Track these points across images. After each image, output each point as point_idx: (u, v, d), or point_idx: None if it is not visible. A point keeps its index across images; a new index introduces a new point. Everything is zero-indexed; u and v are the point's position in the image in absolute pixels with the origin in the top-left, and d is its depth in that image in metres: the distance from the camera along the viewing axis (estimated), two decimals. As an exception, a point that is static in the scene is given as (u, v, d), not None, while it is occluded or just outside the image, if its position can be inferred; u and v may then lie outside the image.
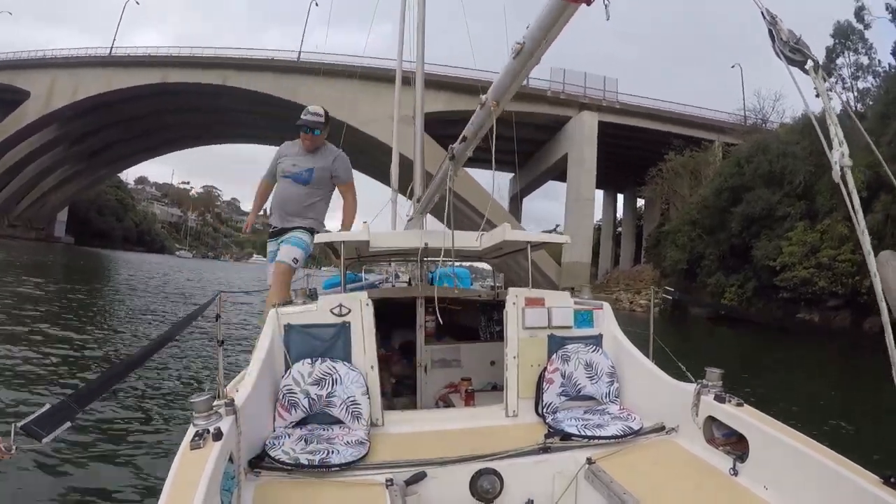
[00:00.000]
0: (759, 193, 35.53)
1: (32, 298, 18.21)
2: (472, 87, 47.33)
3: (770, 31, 1.75)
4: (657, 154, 53.97)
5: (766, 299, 34.32)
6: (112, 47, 64.30)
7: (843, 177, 1.67)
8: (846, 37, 41.76)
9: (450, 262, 5.55)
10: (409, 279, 8.14)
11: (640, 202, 75.25)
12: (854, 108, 41.16)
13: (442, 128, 36.02)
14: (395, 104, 8.22)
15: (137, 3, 76.41)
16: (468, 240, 4.72)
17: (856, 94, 41.73)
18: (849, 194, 1.69)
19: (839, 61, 42.30)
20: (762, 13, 1.76)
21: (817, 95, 1.78)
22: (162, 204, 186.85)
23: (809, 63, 1.72)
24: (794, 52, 1.72)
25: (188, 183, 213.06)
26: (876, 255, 1.74)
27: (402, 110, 8.90)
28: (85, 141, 75.38)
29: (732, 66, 67.79)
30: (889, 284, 1.79)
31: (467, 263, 8.20)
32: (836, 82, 43.43)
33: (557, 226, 43.42)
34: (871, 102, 35.68)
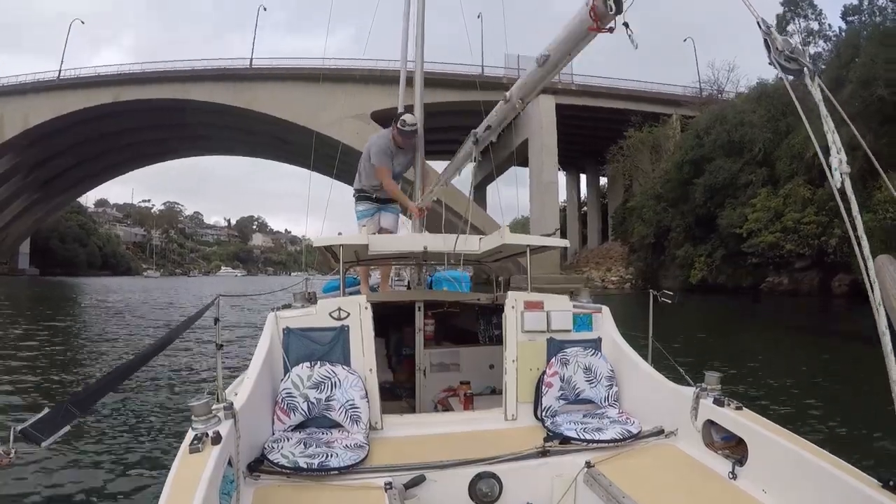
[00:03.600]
0: (719, 163, 36.11)
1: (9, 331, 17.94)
2: (444, 80, 47.35)
3: (766, 41, 1.78)
4: (616, 132, 54.50)
5: (734, 266, 34.82)
6: (60, 70, 63.09)
7: (842, 183, 1.69)
8: (795, 4, 42.38)
9: (448, 266, 5.56)
10: (408, 283, 8.11)
11: (603, 180, 75.90)
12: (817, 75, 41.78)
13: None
14: (399, 105, 8.24)
15: (82, 22, 75.34)
16: (468, 244, 4.67)
17: (808, 59, 42.28)
18: (847, 201, 1.71)
19: (790, 28, 42.88)
20: (758, 23, 1.80)
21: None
22: (124, 225, 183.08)
23: (806, 71, 1.75)
24: (789, 61, 1.75)
25: (149, 201, 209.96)
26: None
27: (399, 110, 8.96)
28: (41, 169, 73.82)
29: (685, 40, 68.34)
30: (887, 290, 1.82)
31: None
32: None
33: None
34: (823, 67, 36.28)
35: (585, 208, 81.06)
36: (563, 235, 69.68)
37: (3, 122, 62.17)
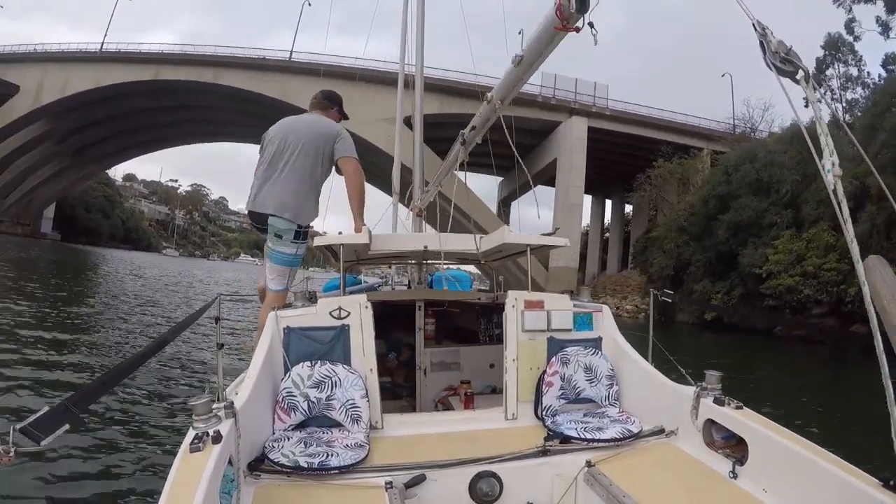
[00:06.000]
0: (746, 201, 35.72)
1: (23, 296, 18.04)
2: (465, 90, 47.64)
3: (761, 43, 1.80)
4: (646, 161, 54.09)
5: (751, 306, 34.48)
6: (103, 43, 63.89)
7: (834, 185, 1.70)
8: (836, 48, 42.17)
9: (447, 266, 5.56)
10: (409, 282, 8.14)
11: (628, 208, 75.52)
12: (843, 119, 41.53)
13: (433, 130, 36.25)
14: (397, 107, 8.27)
15: (130, -1, 76.43)
16: (467, 242, 4.72)
17: (844, 104, 42.11)
18: (839, 203, 1.72)
19: (829, 72, 42.68)
20: (753, 25, 1.81)
21: (807, 105, 1.82)
22: (149, 202, 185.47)
23: (800, 73, 1.76)
24: (784, 63, 1.76)
25: (176, 181, 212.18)
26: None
27: (396, 112, 9.06)
28: (74, 137, 74.77)
29: (723, 75, 68.07)
30: (877, 290, 1.81)
31: (464, 266, 8.23)
32: (826, 93, 43.88)
33: (557, 228, 43.32)
34: (859, 114, 35.94)
35: (608, 234, 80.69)
36: (583, 259, 69.39)
37: (42, 87, 62.87)
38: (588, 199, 72.71)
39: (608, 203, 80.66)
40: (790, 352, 25.63)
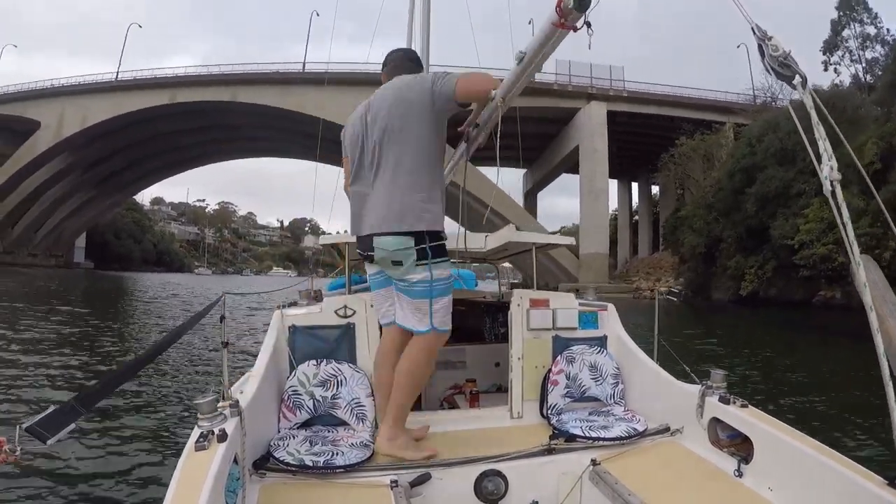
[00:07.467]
0: (772, 172, 35.25)
1: (46, 316, 18.28)
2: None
3: (760, 47, 1.78)
4: (668, 140, 53.69)
5: (786, 279, 34.04)
6: (118, 71, 64.91)
7: (832, 191, 1.70)
8: (851, 8, 41.44)
9: (458, 263, 5.56)
10: None
11: (655, 189, 74.96)
12: (863, 80, 40.82)
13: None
14: None
15: (140, 26, 77.87)
16: (474, 241, 4.65)
17: (864, 65, 41.37)
18: (838, 208, 1.75)
19: (845, 33, 41.96)
20: (752, 29, 1.79)
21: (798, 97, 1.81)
22: (179, 223, 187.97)
23: (797, 78, 1.75)
24: (783, 67, 1.75)
25: (204, 200, 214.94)
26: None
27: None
28: (98, 166, 76.09)
29: (738, 46, 67.06)
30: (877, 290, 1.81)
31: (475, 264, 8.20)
32: (844, 55, 43.14)
33: (574, 225, 43.45)
34: (879, 72, 35.28)
35: (637, 217, 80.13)
36: (614, 243, 69.00)
37: (63, 120, 64.34)
38: (614, 183, 72.30)
39: (634, 186, 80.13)
40: (829, 323, 25.21)
